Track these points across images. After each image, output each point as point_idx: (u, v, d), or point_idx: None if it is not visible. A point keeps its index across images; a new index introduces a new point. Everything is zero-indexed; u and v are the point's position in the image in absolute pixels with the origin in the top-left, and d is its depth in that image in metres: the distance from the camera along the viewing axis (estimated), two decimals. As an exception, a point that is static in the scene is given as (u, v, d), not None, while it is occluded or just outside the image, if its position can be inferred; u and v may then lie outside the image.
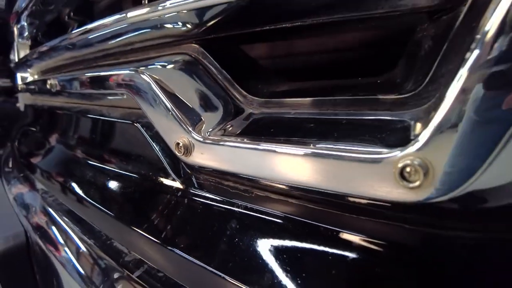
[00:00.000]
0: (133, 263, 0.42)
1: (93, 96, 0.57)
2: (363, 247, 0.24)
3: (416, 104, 0.25)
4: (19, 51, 1.30)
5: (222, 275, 0.30)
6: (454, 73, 0.20)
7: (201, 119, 0.35)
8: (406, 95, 0.26)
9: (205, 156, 0.34)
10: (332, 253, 0.25)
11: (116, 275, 0.42)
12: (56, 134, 0.79)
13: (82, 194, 0.56)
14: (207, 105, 0.37)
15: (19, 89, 1.05)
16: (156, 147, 0.42)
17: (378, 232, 0.24)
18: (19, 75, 1.34)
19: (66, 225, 0.58)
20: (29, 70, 1.13)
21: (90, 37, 0.52)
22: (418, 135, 0.21)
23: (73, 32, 0.57)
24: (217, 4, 0.31)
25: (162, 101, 0.38)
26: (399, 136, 0.23)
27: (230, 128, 0.34)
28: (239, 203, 0.33)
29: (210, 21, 0.35)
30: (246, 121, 0.35)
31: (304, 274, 0.25)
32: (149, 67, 0.41)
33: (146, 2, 0.47)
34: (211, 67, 0.39)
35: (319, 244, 0.26)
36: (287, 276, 0.26)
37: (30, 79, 1.21)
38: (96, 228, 0.52)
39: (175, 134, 0.35)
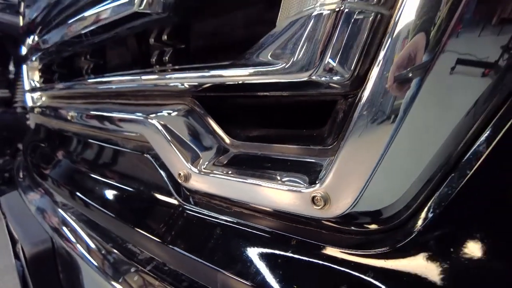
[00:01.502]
0: (144, 260, 0.56)
1: (110, 130, 0.71)
2: (295, 244, 0.39)
3: (331, 154, 0.39)
4: (28, 73, 1.44)
5: (210, 265, 0.44)
6: (343, 138, 0.34)
7: (199, 155, 0.50)
8: (327, 147, 0.41)
9: (199, 183, 0.48)
10: (277, 249, 0.40)
11: (132, 269, 0.56)
12: (72, 154, 0.93)
13: (100, 207, 0.69)
14: (202, 145, 0.51)
15: (34, 111, 1.19)
16: (163, 174, 0.56)
17: (305, 234, 0.39)
18: (29, 96, 1.48)
19: (86, 233, 0.72)
20: (41, 93, 1.27)
21: (105, 87, 0.66)
22: (324, 177, 0.35)
23: (91, 80, 0.71)
24: (206, 82, 0.46)
25: (168, 141, 0.52)
26: (316, 176, 0.37)
27: (217, 163, 0.49)
28: (222, 216, 0.47)
29: (202, 86, 0.49)
30: (228, 158, 0.49)
31: (260, 259, 0.40)
32: (158, 114, 0.55)
33: (154, 60, 0.62)
34: (204, 115, 0.53)
35: (270, 242, 0.41)
36: (250, 262, 0.40)
37: (39, 98, 1.35)
38: (113, 233, 0.65)
39: (178, 167, 0.50)
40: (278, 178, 0.41)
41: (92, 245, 0.69)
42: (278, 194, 0.39)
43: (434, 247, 0.33)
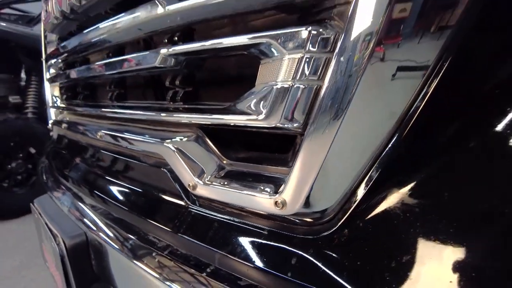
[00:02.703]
0: (162, 247, 0.76)
1: (132, 149, 0.91)
2: (266, 233, 0.59)
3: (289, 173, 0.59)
4: (50, 89, 1.64)
5: (210, 247, 0.64)
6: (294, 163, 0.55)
7: (204, 171, 0.70)
8: (288, 168, 0.61)
9: (203, 191, 0.68)
10: (255, 236, 0.60)
11: (153, 254, 0.76)
12: (98, 164, 1.13)
13: (125, 207, 0.90)
14: (206, 163, 0.71)
15: (61, 125, 1.38)
16: (176, 184, 0.76)
17: (273, 226, 0.59)
18: (52, 111, 1.68)
19: (114, 228, 0.92)
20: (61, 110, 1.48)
21: (127, 116, 0.87)
22: (283, 188, 0.55)
23: (114, 109, 0.91)
24: (208, 120, 0.66)
25: (180, 160, 0.72)
26: (279, 187, 0.58)
27: (217, 177, 0.69)
28: (219, 215, 0.67)
29: (205, 121, 0.70)
30: (224, 173, 0.69)
31: (244, 243, 0.60)
32: (172, 140, 0.76)
33: (169, 98, 0.82)
34: (207, 141, 0.74)
35: (251, 232, 0.61)
36: (237, 245, 0.60)
37: (59, 113, 1.55)
38: (136, 227, 0.85)
39: (188, 179, 0.70)
40: (256, 188, 0.61)
41: (119, 237, 0.89)
42: (255, 199, 0.59)
43: (347, 235, 0.53)
